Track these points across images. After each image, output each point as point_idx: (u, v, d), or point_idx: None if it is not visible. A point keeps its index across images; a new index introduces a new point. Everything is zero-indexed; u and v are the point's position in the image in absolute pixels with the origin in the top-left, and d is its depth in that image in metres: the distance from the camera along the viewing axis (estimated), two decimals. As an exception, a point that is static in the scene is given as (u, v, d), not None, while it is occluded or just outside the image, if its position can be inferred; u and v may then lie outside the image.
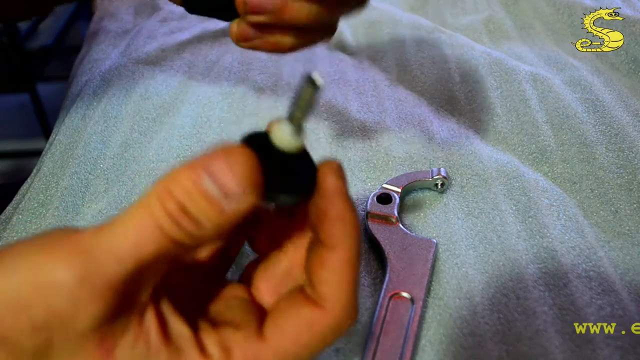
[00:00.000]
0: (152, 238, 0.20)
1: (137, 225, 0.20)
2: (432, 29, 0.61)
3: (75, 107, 0.52)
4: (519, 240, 0.37)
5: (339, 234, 0.22)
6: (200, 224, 0.20)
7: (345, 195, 0.23)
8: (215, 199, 0.20)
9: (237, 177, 0.20)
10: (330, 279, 0.22)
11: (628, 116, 0.48)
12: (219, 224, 0.20)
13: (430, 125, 0.48)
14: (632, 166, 0.43)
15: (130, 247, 0.19)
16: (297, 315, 0.23)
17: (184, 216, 0.20)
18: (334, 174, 0.23)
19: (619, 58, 0.57)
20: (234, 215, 0.20)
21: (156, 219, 0.20)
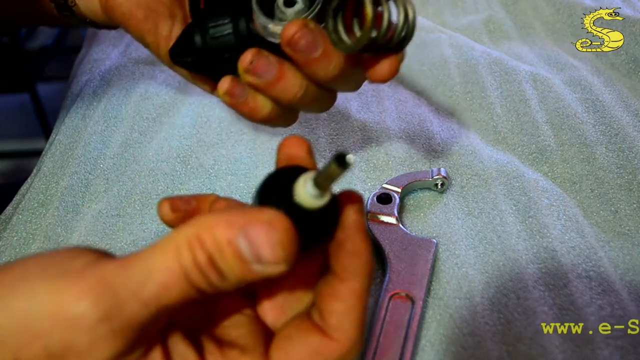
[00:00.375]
0: (178, 285, 0.20)
1: (164, 269, 0.20)
2: (432, 29, 0.61)
3: (75, 107, 0.52)
4: (519, 240, 0.37)
5: (353, 267, 0.23)
6: (225, 278, 0.20)
7: (363, 230, 0.23)
8: (247, 260, 0.20)
9: (274, 248, 0.20)
10: (340, 310, 0.23)
11: (628, 116, 0.48)
12: (243, 279, 0.21)
13: (430, 125, 0.48)
14: (632, 166, 0.43)
15: (155, 291, 0.20)
16: (305, 343, 0.23)
17: (211, 269, 0.20)
18: (355, 209, 0.23)
19: (619, 58, 0.57)
20: (261, 277, 0.21)
21: (184, 267, 0.20)
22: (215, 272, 0.20)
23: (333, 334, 0.23)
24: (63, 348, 0.19)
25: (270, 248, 0.20)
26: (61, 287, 0.19)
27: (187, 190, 0.42)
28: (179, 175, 0.44)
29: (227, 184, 0.43)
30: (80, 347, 0.19)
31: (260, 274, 0.20)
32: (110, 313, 0.19)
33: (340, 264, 0.23)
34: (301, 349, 0.23)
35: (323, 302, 0.23)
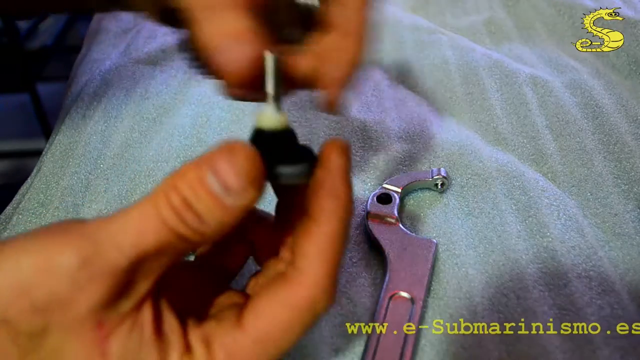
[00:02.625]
0: (155, 230, 0.20)
1: (141, 216, 0.20)
2: (432, 30, 0.61)
3: (75, 107, 0.52)
4: (519, 240, 0.37)
5: (328, 208, 0.22)
6: (203, 219, 0.20)
7: (344, 173, 0.23)
8: (218, 195, 0.20)
9: (238, 174, 0.20)
10: (311, 252, 0.22)
11: (627, 123, 0.48)
12: (221, 220, 0.21)
13: (430, 125, 0.48)
14: (629, 177, 0.43)
15: (132, 236, 0.20)
16: (274, 297, 0.22)
17: (187, 211, 0.20)
18: (338, 151, 0.23)
19: (619, 59, 0.57)
20: (236, 211, 0.21)
21: (160, 211, 0.20)
22: (192, 214, 0.20)
23: (301, 279, 0.22)
24: (47, 300, 0.19)
25: (234, 174, 0.20)
26: (47, 243, 0.20)
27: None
28: (179, 175, 0.44)
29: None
30: (63, 295, 0.19)
31: (235, 209, 0.20)
32: (89, 259, 0.19)
33: (317, 204, 0.22)
34: (270, 303, 0.22)
35: (295, 247, 0.23)
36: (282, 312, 0.22)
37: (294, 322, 0.22)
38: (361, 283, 0.35)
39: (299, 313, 0.22)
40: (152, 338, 0.21)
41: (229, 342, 0.22)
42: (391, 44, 0.60)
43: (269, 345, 0.22)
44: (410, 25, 0.62)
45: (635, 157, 0.44)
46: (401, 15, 0.64)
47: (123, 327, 0.20)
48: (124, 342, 0.20)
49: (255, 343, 0.22)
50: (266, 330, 0.22)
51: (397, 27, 0.62)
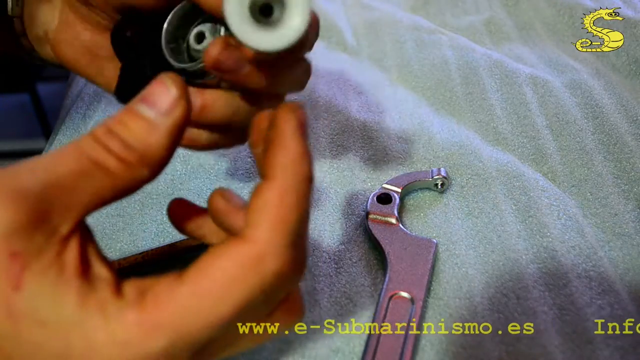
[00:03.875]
0: (72, 157, 0.20)
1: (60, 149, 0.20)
2: (432, 30, 0.61)
3: (76, 107, 0.52)
4: (519, 240, 0.37)
5: (278, 163, 0.21)
6: (130, 145, 0.21)
7: (295, 129, 0.22)
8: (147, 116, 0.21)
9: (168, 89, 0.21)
10: (259, 208, 0.21)
11: (627, 123, 0.47)
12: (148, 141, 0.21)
13: (430, 125, 0.48)
14: (629, 177, 0.43)
15: (46, 162, 0.20)
16: (218, 253, 0.21)
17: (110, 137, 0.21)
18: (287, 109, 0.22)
19: (619, 59, 0.57)
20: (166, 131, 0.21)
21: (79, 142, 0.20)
22: (116, 140, 0.21)
23: (248, 233, 0.21)
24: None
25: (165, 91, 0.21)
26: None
27: (187, 190, 0.42)
28: (179, 175, 0.44)
29: (227, 184, 0.43)
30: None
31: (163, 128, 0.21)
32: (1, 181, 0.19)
33: (267, 160, 0.22)
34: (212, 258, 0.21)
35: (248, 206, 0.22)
36: (224, 266, 0.20)
37: (237, 279, 0.20)
38: (361, 283, 0.35)
39: (242, 269, 0.20)
40: (73, 276, 0.20)
41: (164, 291, 0.20)
42: (391, 43, 0.60)
43: (207, 301, 0.20)
44: (410, 25, 0.62)
45: (635, 157, 0.44)
46: (401, 15, 0.64)
47: (41, 260, 0.19)
48: (40, 275, 0.19)
49: (191, 296, 0.20)
50: (205, 284, 0.20)
51: (397, 27, 0.62)
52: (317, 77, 0.54)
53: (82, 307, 0.19)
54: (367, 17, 0.64)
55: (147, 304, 0.20)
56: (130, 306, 0.20)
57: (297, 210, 0.21)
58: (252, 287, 0.20)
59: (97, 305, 0.20)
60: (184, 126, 0.22)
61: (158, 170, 0.22)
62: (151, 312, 0.20)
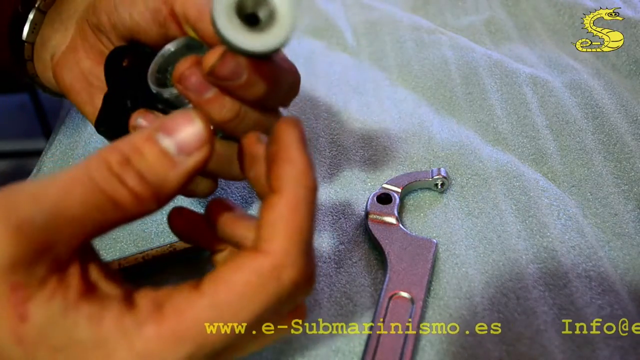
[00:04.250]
0: (82, 190, 0.19)
1: (68, 175, 0.19)
2: (432, 30, 0.61)
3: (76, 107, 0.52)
4: (519, 240, 0.37)
5: (287, 177, 0.22)
6: (144, 178, 0.20)
7: (297, 142, 0.22)
8: (168, 152, 0.20)
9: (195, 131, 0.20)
10: (272, 219, 0.21)
11: (627, 123, 0.47)
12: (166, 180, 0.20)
13: (430, 125, 0.48)
14: (629, 177, 0.43)
15: (54, 194, 0.19)
16: (236, 264, 0.21)
17: (126, 169, 0.20)
18: (288, 124, 0.23)
19: (620, 59, 0.57)
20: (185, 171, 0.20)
21: (90, 171, 0.19)
22: (132, 172, 0.20)
23: (264, 246, 0.21)
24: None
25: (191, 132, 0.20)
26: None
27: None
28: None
29: (226, 183, 0.43)
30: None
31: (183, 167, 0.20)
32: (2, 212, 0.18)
33: (274, 175, 0.22)
34: (231, 270, 0.21)
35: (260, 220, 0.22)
36: (243, 278, 0.21)
37: (255, 290, 0.21)
38: (361, 283, 0.35)
39: (261, 280, 0.21)
40: (79, 300, 0.20)
41: (182, 303, 0.20)
42: (391, 43, 0.60)
43: (227, 312, 0.20)
44: (410, 25, 0.62)
45: (635, 157, 0.44)
46: (401, 15, 0.64)
47: (44, 290, 0.19)
48: (45, 305, 0.19)
49: (211, 307, 0.20)
50: (224, 296, 0.20)
51: (397, 27, 0.62)
52: (317, 77, 0.54)
53: (97, 327, 0.19)
54: (367, 17, 0.64)
55: (166, 316, 0.20)
56: (148, 319, 0.20)
57: (308, 220, 0.22)
58: (271, 296, 0.21)
59: (113, 322, 0.20)
60: (202, 169, 0.21)
61: (164, 205, 0.22)
62: (171, 324, 0.20)
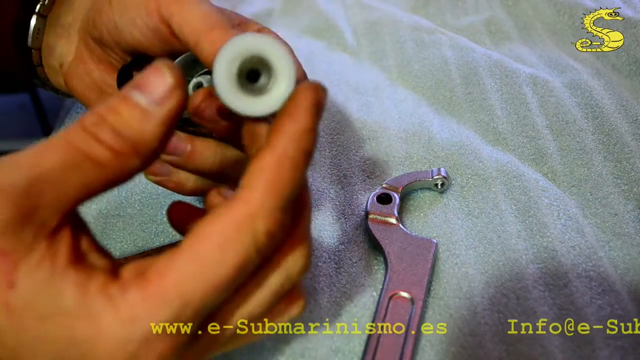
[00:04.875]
0: (58, 149, 0.20)
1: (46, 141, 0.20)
2: (432, 30, 0.61)
3: (75, 107, 0.52)
4: (519, 240, 0.37)
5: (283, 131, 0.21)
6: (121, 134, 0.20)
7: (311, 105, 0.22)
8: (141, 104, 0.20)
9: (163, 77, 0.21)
10: (255, 170, 0.21)
11: (627, 123, 0.47)
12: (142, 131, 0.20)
13: (430, 125, 0.48)
14: (629, 177, 0.43)
15: (32, 156, 0.19)
16: (213, 216, 0.21)
17: (102, 126, 0.20)
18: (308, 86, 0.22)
19: (620, 59, 0.57)
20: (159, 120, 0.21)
21: (67, 133, 0.20)
22: (106, 129, 0.20)
23: (242, 194, 0.21)
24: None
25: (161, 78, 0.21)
26: None
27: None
28: (179, 175, 0.44)
29: (227, 183, 0.43)
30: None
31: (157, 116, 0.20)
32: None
33: (273, 128, 0.22)
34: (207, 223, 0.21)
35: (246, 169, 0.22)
36: (219, 228, 0.20)
37: (231, 239, 0.20)
38: (361, 283, 0.35)
39: (235, 228, 0.20)
40: (67, 267, 0.20)
41: (163, 264, 0.20)
42: (391, 43, 0.60)
43: (207, 265, 0.20)
44: (410, 25, 0.62)
45: (635, 157, 0.44)
46: (401, 15, 0.64)
47: (32, 255, 0.19)
48: (33, 271, 0.19)
49: (191, 262, 0.20)
50: (203, 248, 0.20)
51: (397, 27, 0.62)
52: (317, 77, 0.54)
53: (82, 295, 0.19)
54: (367, 17, 0.64)
55: (149, 280, 0.20)
56: (132, 284, 0.20)
57: (292, 178, 0.21)
58: (247, 245, 0.20)
59: (98, 290, 0.20)
60: (178, 116, 0.21)
61: (150, 160, 0.22)
62: (154, 285, 0.20)
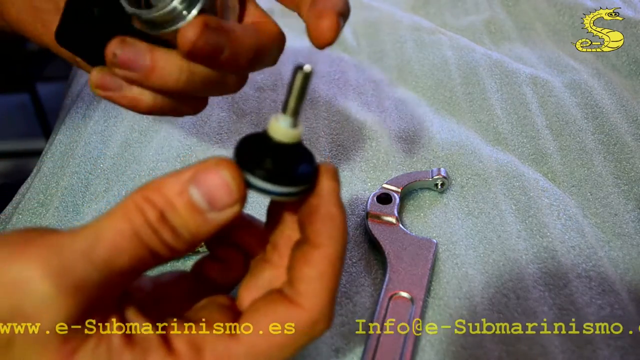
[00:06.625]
0: (129, 246, 0.20)
1: (114, 231, 0.20)
2: (432, 30, 0.61)
3: (75, 107, 0.52)
4: (519, 240, 0.37)
5: (326, 232, 0.22)
6: (179, 234, 0.20)
7: (338, 197, 0.23)
8: (201, 207, 0.20)
9: (228, 187, 0.20)
10: (311, 276, 0.22)
11: (627, 123, 0.48)
12: (197, 233, 0.21)
13: (430, 125, 0.48)
14: (629, 178, 0.43)
15: (105, 252, 0.19)
16: (272, 313, 0.22)
17: (163, 225, 0.20)
18: (331, 176, 0.23)
19: (620, 59, 0.57)
20: (215, 225, 0.21)
21: (135, 227, 0.20)
22: (168, 229, 0.20)
23: (301, 301, 0.22)
24: (10, 314, 0.18)
25: (224, 188, 0.20)
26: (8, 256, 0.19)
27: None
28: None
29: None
30: (28, 310, 0.18)
31: (215, 223, 0.21)
32: (58, 273, 0.18)
33: (313, 228, 0.23)
34: (268, 319, 0.22)
35: (294, 269, 0.23)
36: (280, 330, 0.22)
37: (291, 342, 0.22)
38: (361, 283, 0.35)
39: (297, 334, 0.22)
40: (122, 347, 0.20)
41: (222, 350, 0.21)
42: (391, 43, 0.60)
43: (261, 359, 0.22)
44: (410, 25, 0.62)
45: (635, 157, 0.44)
46: (401, 15, 0.64)
47: (89, 342, 0.20)
48: (91, 356, 0.20)
49: (247, 355, 0.21)
50: (261, 346, 0.22)
51: (397, 27, 0.62)
52: (317, 77, 0.54)
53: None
54: (367, 17, 0.64)
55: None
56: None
57: (340, 274, 0.23)
58: (303, 346, 0.22)
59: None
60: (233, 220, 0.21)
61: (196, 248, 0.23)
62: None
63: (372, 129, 0.48)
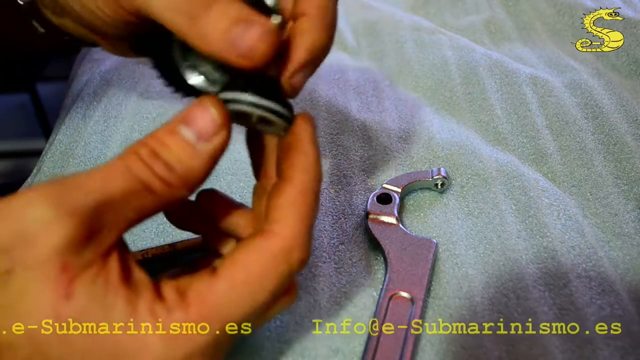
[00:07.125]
0: (121, 177, 0.21)
1: (108, 167, 0.21)
2: (432, 30, 0.61)
3: (75, 107, 0.52)
4: (519, 240, 0.37)
5: (299, 165, 0.24)
6: (172, 168, 0.22)
7: (313, 136, 0.25)
8: (190, 141, 0.22)
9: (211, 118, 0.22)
10: (282, 204, 0.23)
11: (627, 124, 0.48)
12: (190, 165, 0.22)
13: (430, 125, 0.48)
14: (629, 178, 0.43)
15: (99, 181, 0.21)
16: (249, 247, 0.23)
17: (155, 160, 0.22)
18: (307, 119, 0.25)
19: (620, 59, 0.57)
20: (206, 156, 0.22)
21: (127, 162, 0.21)
22: (160, 162, 0.22)
23: (274, 228, 0.23)
24: (11, 238, 0.19)
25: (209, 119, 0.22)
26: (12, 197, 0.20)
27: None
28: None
29: (227, 183, 0.43)
30: (27, 234, 0.19)
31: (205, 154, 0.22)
32: (56, 198, 0.20)
33: (287, 165, 0.24)
34: (245, 253, 0.23)
35: (269, 203, 0.24)
36: (257, 259, 0.23)
37: (270, 270, 0.23)
38: (361, 283, 0.35)
39: (274, 261, 0.23)
40: (119, 284, 0.21)
41: (203, 288, 0.22)
42: (391, 43, 0.60)
43: (244, 292, 0.22)
44: (410, 25, 0.62)
45: (635, 157, 0.44)
46: (401, 15, 0.64)
47: (89, 271, 0.21)
48: (89, 286, 0.20)
49: (230, 289, 0.22)
50: (241, 277, 0.22)
51: (397, 27, 0.62)
52: (317, 77, 0.54)
53: (132, 311, 0.21)
54: (367, 17, 0.64)
55: (190, 302, 0.22)
56: (175, 306, 0.22)
57: (313, 207, 0.24)
58: (283, 274, 0.23)
59: (146, 308, 0.21)
60: (223, 151, 0.23)
61: (196, 189, 0.23)
62: (196, 309, 0.22)
63: (372, 129, 0.48)
